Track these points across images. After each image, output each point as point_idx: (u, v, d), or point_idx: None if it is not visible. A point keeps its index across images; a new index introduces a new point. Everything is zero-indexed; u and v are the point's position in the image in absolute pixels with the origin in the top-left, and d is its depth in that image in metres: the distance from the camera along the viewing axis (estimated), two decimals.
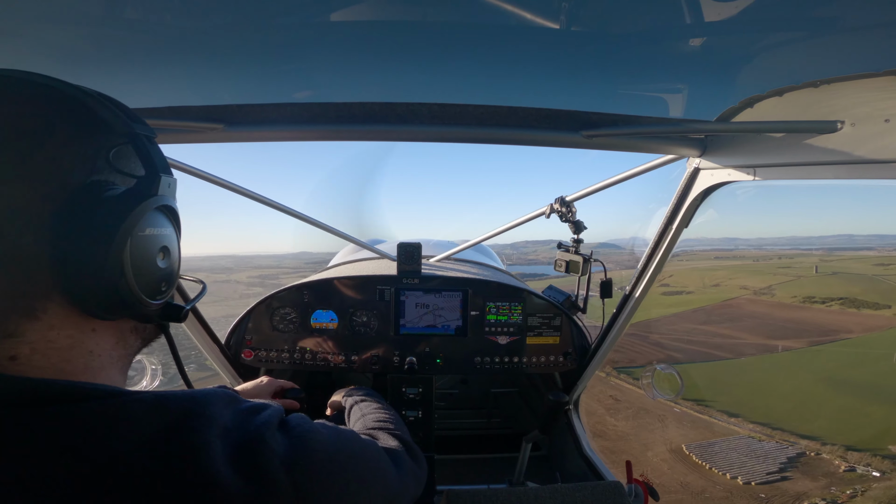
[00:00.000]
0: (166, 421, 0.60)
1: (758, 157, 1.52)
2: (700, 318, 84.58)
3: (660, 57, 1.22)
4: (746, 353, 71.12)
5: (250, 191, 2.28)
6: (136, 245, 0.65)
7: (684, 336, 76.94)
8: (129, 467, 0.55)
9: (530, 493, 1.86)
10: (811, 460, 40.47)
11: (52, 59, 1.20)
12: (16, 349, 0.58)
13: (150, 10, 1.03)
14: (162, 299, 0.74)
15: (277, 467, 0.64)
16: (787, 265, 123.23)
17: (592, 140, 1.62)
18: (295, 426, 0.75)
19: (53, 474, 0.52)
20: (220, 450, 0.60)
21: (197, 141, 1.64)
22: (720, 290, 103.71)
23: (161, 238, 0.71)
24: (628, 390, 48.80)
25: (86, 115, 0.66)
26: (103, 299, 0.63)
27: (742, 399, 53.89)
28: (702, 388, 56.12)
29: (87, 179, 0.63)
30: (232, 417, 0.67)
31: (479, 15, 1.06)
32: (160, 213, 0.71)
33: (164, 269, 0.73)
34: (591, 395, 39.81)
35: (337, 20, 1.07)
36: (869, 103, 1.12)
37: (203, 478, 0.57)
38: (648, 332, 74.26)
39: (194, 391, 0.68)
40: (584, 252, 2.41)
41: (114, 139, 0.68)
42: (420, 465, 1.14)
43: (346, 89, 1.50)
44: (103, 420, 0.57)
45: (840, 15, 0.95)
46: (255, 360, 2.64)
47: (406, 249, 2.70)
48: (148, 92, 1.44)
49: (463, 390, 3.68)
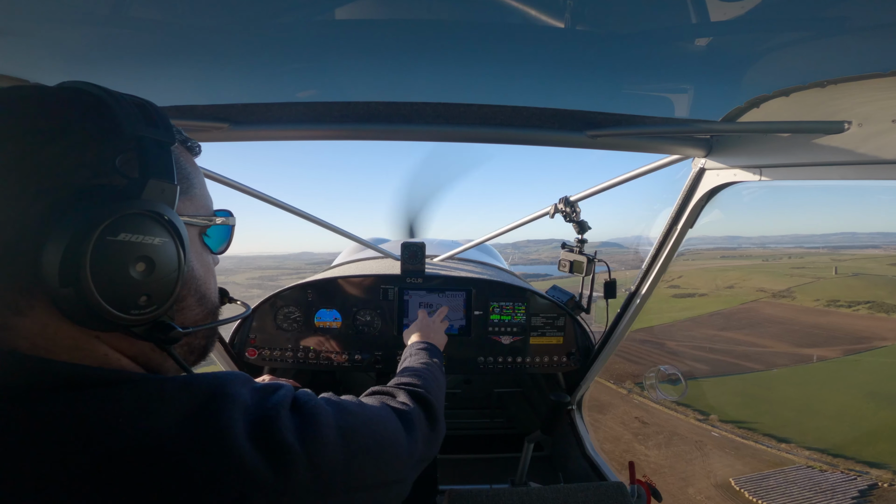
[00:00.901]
0: (197, 401, 0.63)
1: (764, 157, 1.51)
2: (718, 323, 78.56)
3: (665, 57, 1.22)
4: (778, 363, 63.13)
5: (255, 190, 2.29)
6: (100, 249, 0.59)
7: (706, 344, 69.47)
8: (166, 444, 0.57)
9: (533, 494, 1.86)
10: (887, 493, 34.93)
11: (57, 59, 1.20)
12: (14, 342, 0.59)
13: (155, 10, 1.04)
14: (141, 314, 0.66)
15: (293, 441, 0.67)
16: (801, 265, 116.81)
17: (597, 140, 1.62)
18: (304, 402, 0.77)
19: (97, 453, 0.54)
20: (241, 427, 0.63)
21: (202, 140, 1.63)
22: (735, 293, 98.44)
23: (141, 247, 0.64)
24: (655, 410, 42.15)
25: (101, 118, 0.65)
26: (74, 305, 0.59)
27: (788, 420, 47.87)
28: (739, 406, 49.32)
29: (91, 182, 0.62)
30: (250, 396, 0.70)
31: (484, 13, 1.06)
32: (148, 220, 0.65)
33: (139, 281, 0.64)
34: (614, 417, 37.27)
35: (341, 19, 1.07)
36: (876, 103, 1.12)
37: (229, 453, 0.60)
38: (664, 340, 67.92)
39: (216, 373, 0.70)
40: (589, 252, 2.41)
41: (123, 144, 0.66)
42: (435, 427, 1.15)
43: (351, 89, 1.50)
44: (140, 401, 0.60)
45: (847, 15, 0.95)
46: (258, 359, 2.65)
47: (410, 249, 2.70)
48: (153, 91, 1.44)
49: (466, 390, 3.68)
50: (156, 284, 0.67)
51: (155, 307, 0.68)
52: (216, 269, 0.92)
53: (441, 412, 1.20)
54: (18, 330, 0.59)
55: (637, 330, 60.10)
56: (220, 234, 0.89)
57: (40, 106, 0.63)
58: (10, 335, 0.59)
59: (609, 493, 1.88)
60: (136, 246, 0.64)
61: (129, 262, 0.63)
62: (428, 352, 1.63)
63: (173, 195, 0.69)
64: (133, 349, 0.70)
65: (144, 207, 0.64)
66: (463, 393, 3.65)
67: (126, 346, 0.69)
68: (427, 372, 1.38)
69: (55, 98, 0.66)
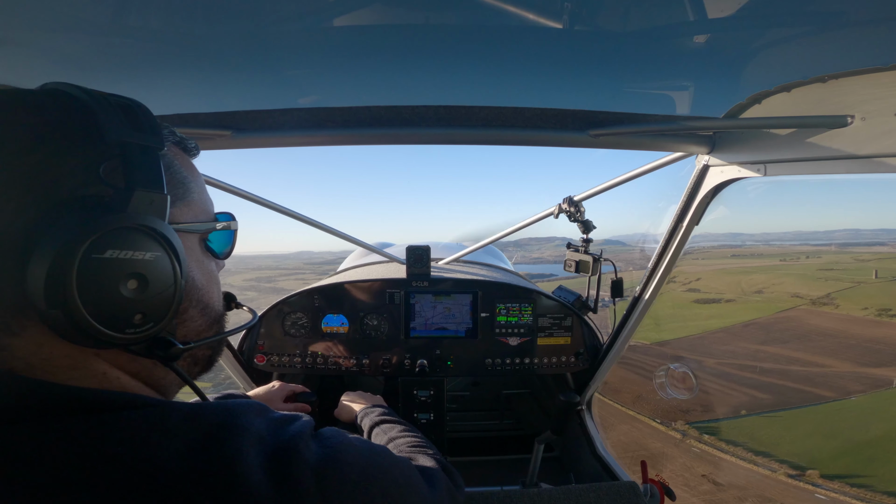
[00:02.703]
0: (203, 430, 0.60)
1: (767, 153, 1.51)
2: (757, 335, 63.45)
3: (665, 54, 1.22)
4: (852, 389, 44.76)
5: (260, 197, 2.30)
6: (86, 268, 0.55)
7: (750, 362, 52.11)
8: (169, 475, 0.54)
9: (544, 495, 1.85)
10: None
11: (59, 68, 1.22)
12: (10, 363, 0.57)
13: (156, 19, 1.04)
14: (137, 333, 0.62)
15: (308, 476, 0.64)
16: (827, 266, 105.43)
17: (599, 139, 1.62)
18: (329, 437, 0.74)
19: (95, 483, 0.52)
20: (253, 457, 0.60)
21: (205, 148, 1.65)
22: (767, 299, 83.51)
23: (131, 263, 0.60)
24: (725, 462, 28.24)
25: (83, 124, 0.61)
26: (64, 325, 0.55)
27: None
28: (836, 454, 31.89)
29: (75, 193, 0.58)
30: (265, 427, 0.67)
31: (483, 17, 1.06)
32: (137, 234, 0.60)
33: (132, 299, 0.60)
34: (673, 474, 24.58)
35: (341, 25, 1.08)
36: (878, 98, 1.11)
37: (236, 484, 0.57)
38: (701, 356, 53.10)
39: (227, 402, 0.67)
40: (594, 251, 2.40)
41: (107, 150, 0.61)
42: (458, 486, 1.11)
43: (352, 94, 1.51)
44: (144, 429, 0.57)
45: (846, 10, 0.94)
46: (267, 365, 2.66)
47: (415, 252, 2.70)
48: (156, 99, 1.45)
49: (474, 392, 3.67)
50: (151, 301, 0.63)
51: (151, 325, 0.64)
52: None
53: (455, 470, 1.16)
54: (13, 350, 0.57)
55: (662, 343, 51.16)
56: (222, 239, 0.84)
57: (16, 111, 0.59)
58: (5, 355, 0.57)
59: (622, 492, 1.87)
60: (126, 263, 0.59)
61: (119, 280, 0.59)
62: (390, 415, 1.47)
63: (163, 205, 0.65)
64: (133, 365, 0.67)
65: (131, 221, 0.59)
66: (471, 395, 3.64)
67: (125, 361, 0.66)
68: (421, 437, 1.30)
69: (32, 102, 0.61)
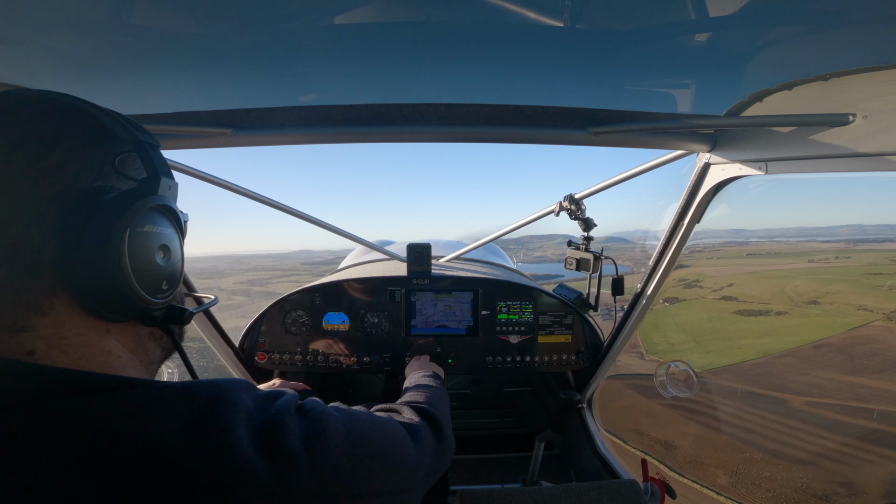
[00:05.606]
0: (197, 406, 0.64)
1: (769, 151, 1.50)
2: (836, 361, 51.11)
3: (667, 52, 1.21)
4: None
5: (259, 194, 2.30)
6: (133, 240, 0.67)
7: (854, 402, 41.46)
8: (168, 450, 0.58)
9: (545, 493, 1.86)
10: None
11: (59, 67, 1.22)
12: (32, 344, 0.61)
13: (157, 17, 1.04)
14: (164, 298, 0.76)
15: (297, 447, 0.67)
16: (873, 270, 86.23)
17: (600, 137, 1.61)
18: (310, 409, 0.78)
19: (95, 460, 0.55)
20: (244, 433, 0.64)
21: (206, 146, 1.66)
22: (827, 311, 69.09)
23: (160, 236, 0.74)
24: None
25: (93, 125, 0.69)
26: (104, 296, 0.65)
27: None
28: None
29: (92, 184, 0.65)
30: (253, 403, 0.71)
31: (484, 15, 1.06)
32: (159, 213, 0.74)
33: (164, 268, 0.75)
34: None
35: (341, 23, 1.07)
36: (880, 96, 1.11)
37: (232, 459, 0.60)
38: (775, 391, 40.57)
39: (216, 379, 0.72)
40: (595, 249, 2.40)
41: (119, 147, 0.70)
42: (443, 441, 1.15)
43: (353, 91, 1.50)
44: (140, 407, 0.61)
45: (847, 9, 0.94)
46: (268, 363, 2.67)
47: (416, 250, 2.71)
48: (156, 98, 1.45)
49: (475, 390, 3.68)
50: (171, 269, 0.77)
51: (170, 291, 0.77)
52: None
53: (447, 427, 1.21)
54: (37, 329, 0.61)
55: (714, 371, 44.04)
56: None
57: (34, 111, 0.66)
58: (27, 336, 0.61)
59: (622, 491, 1.87)
60: (158, 236, 0.73)
61: (155, 250, 0.72)
62: (429, 376, 1.67)
63: (176, 190, 0.80)
64: (132, 342, 0.74)
65: (160, 202, 0.73)
66: (472, 393, 3.65)
67: (128, 338, 0.73)
68: (429, 390, 1.43)
69: (46, 104, 0.68)
